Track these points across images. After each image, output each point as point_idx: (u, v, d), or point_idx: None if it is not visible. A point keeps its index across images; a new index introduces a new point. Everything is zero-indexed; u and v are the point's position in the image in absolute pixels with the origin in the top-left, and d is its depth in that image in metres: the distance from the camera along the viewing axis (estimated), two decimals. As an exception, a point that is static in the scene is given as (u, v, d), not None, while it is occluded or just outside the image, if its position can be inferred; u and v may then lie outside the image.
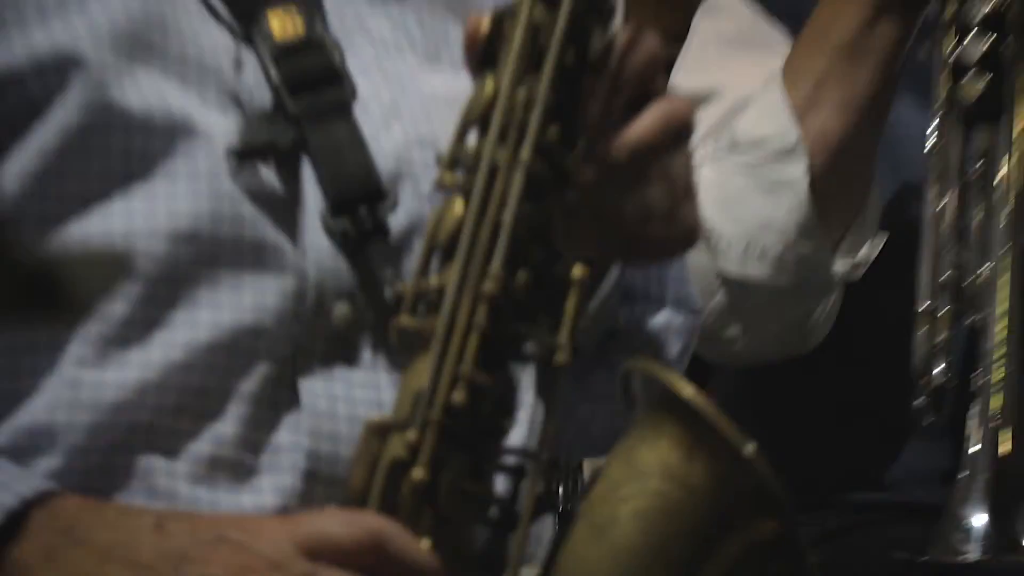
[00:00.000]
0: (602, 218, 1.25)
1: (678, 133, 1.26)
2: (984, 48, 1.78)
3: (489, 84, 1.17)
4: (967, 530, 1.66)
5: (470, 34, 1.20)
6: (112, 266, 1.17)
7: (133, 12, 1.27)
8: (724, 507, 1.13)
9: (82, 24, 1.25)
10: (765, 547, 1.15)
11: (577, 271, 1.15)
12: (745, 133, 1.86)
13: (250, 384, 1.23)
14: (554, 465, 1.25)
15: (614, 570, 1.12)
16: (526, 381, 1.18)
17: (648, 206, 1.26)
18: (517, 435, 1.18)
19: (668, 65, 1.34)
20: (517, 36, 1.16)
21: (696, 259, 1.82)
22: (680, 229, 1.31)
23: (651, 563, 1.11)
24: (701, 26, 2.13)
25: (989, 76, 1.78)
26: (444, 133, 1.19)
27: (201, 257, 1.23)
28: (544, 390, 1.16)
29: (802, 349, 1.89)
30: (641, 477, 1.13)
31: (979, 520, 1.66)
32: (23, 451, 1.19)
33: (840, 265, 1.85)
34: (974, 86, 1.78)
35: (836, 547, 1.84)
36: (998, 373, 1.71)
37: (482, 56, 1.19)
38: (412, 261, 1.21)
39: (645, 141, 1.22)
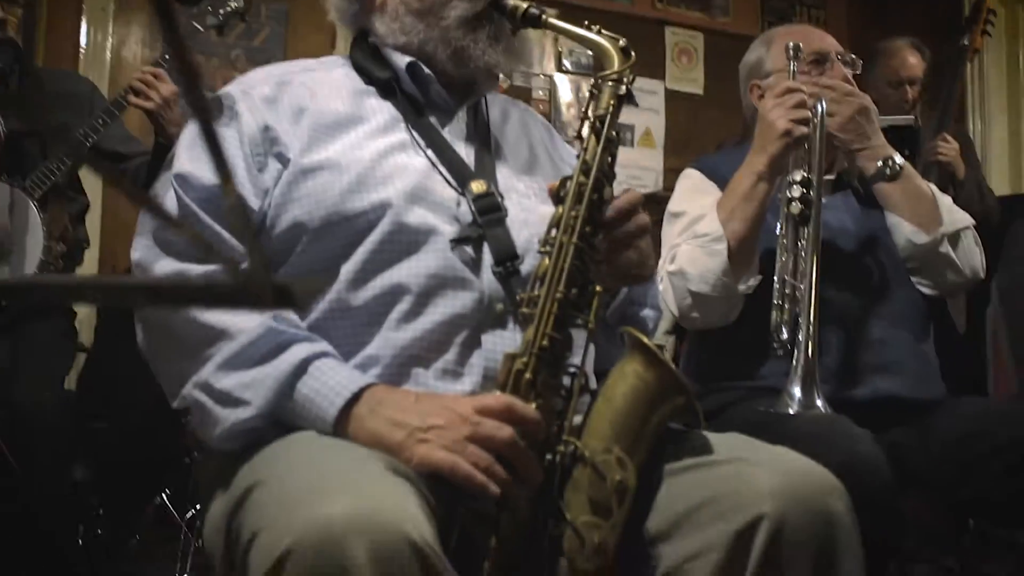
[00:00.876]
0: (610, 265, 1.30)
1: (644, 229, 1.31)
2: (799, 193, 1.84)
3: (560, 209, 1.24)
4: (792, 397, 1.70)
5: (549, 189, 1.27)
6: (398, 290, 1.25)
7: (414, 184, 1.32)
8: (661, 390, 1.19)
9: (393, 189, 1.31)
10: (680, 408, 1.22)
11: (598, 288, 1.23)
12: (700, 230, 1.90)
13: (459, 338, 1.28)
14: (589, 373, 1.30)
15: (614, 417, 1.18)
16: (579, 337, 1.23)
17: (630, 260, 1.32)
18: (575, 359, 1.22)
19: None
20: (571, 189, 1.24)
21: (678, 283, 1.91)
22: (645, 271, 1.38)
23: (630, 414, 1.18)
24: (679, 184, 2.19)
25: (801, 205, 1.83)
26: (543, 230, 1.26)
27: (438, 285, 1.28)
28: (586, 340, 1.23)
29: (727, 322, 1.94)
30: (625, 377, 1.20)
31: (796, 392, 1.70)
32: (364, 367, 1.25)
33: (742, 287, 1.89)
34: (797, 208, 1.84)
35: (732, 409, 1.88)
36: (806, 332, 1.75)
37: (557, 197, 1.25)
38: (528, 285, 1.24)
39: (629, 232, 1.30)
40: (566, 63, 4.89)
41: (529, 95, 4.79)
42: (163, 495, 2.95)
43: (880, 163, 1.96)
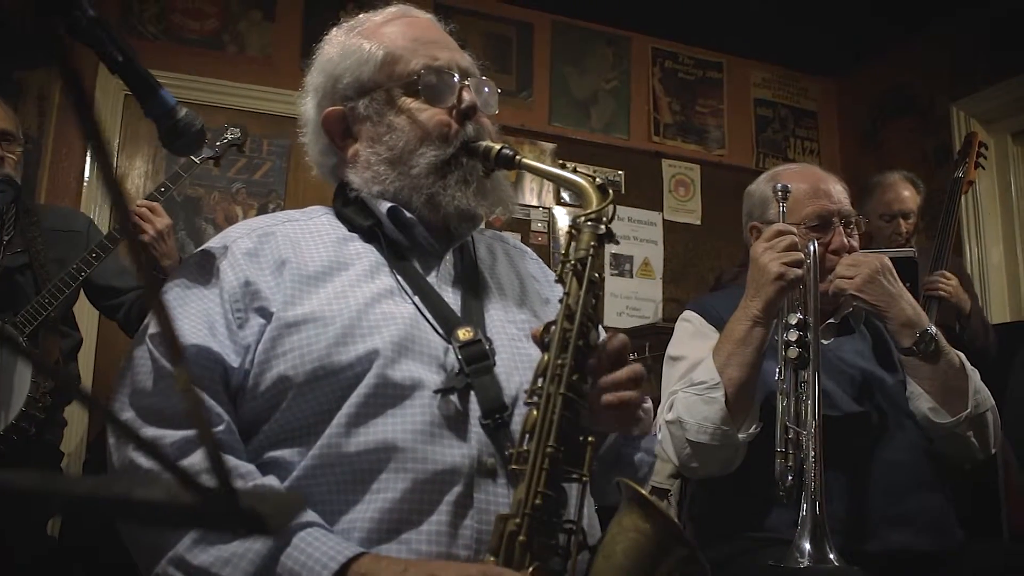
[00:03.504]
0: (601, 415, 1.25)
1: (636, 379, 1.26)
2: (796, 336, 1.83)
3: (545, 357, 1.19)
4: (802, 551, 1.64)
5: (533, 335, 1.23)
6: (384, 446, 1.18)
7: (402, 333, 1.27)
8: (662, 542, 1.13)
9: (380, 339, 1.25)
10: (683, 560, 1.14)
11: (590, 439, 1.17)
12: (697, 378, 1.87)
13: (451, 496, 1.19)
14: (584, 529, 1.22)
15: (619, 568, 1.11)
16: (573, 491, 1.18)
17: (622, 412, 1.26)
18: (570, 514, 1.16)
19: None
20: (556, 336, 1.19)
21: (677, 433, 1.86)
22: (644, 425, 1.34)
23: (632, 571, 1.11)
24: (679, 327, 2.16)
25: (799, 349, 1.82)
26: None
27: (427, 440, 1.21)
28: (579, 494, 1.16)
29: (729, 471, 1.88)
30: (624, 531, 1.14)
31: (806, 546, 1.64)
32: (351, 530, 1.17)
33: (742, 436, 1.84)
34: (795, 352, 1.82)
35: (739, 561, 1.80)
36: (812, 482, 1.70)
37: (541, 343, 1.21)
38: (517, 438, 1.18)
39: (620, 382, 1.24)
40: (564, 195, 4.95)
41: (528, 227, 4.84)
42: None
43: (917, 337, 1.93)
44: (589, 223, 1.29)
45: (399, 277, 1.37)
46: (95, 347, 3.74)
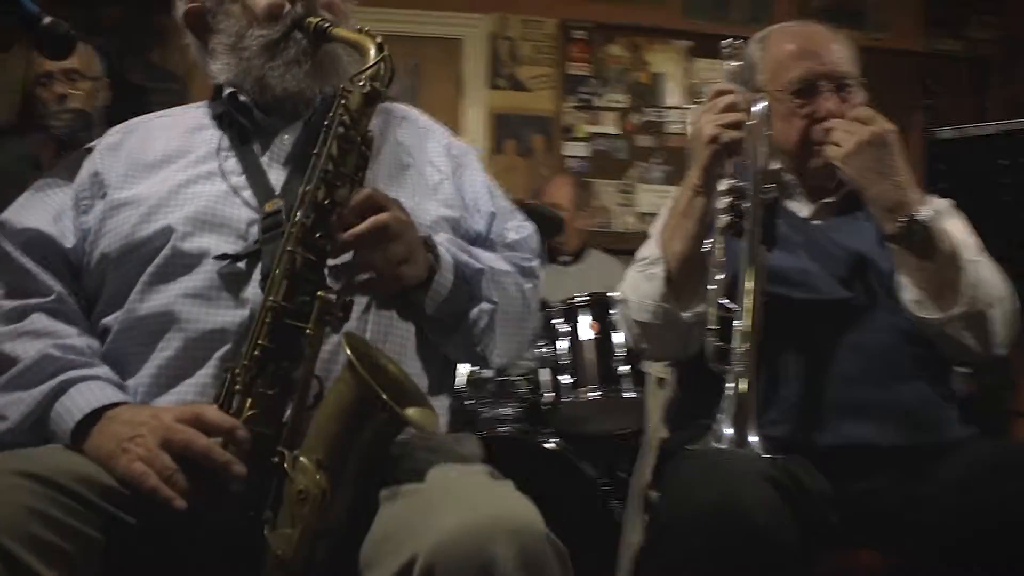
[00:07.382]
0: (356, 267, 1.29)
1: (379, 229, 1.27)
2: (727, 203, 1.69)
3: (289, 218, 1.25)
4: (718, 435, 1.54)
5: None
6: (164, 310, 1.30)
7: (201, 209, 1.36)
8: (360, 401, 1.12)
9: (176, 215, 1.35)
10: (385, 423, 1.14)
11: (319, 295, 1.19)
12: (640, 254, 1.79)
13: (220, 353, 1.28)
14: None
15: (320, 425, 1.14)
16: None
17: (373, 265, 1.29)
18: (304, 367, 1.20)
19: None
20: (300, 196, 1.25)
21: (623, 312, 1.79)
22: (407, 275, 1.33)
23: (332, 422, 1.13)
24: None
25: (731, 216, 1.67)
26: None
27: (201, 303, 1.30)
28: (307, 346, 1.20)
29: (687, 355, 1.78)
30: (336, 384, 1.16)
31: (728, 431, 1.55)
32: (137, 386, 1.29)
33: (687, 315, 1.73)
34: (723, 220, 1.67)
35: (681, 449, 1.69)
36: (740, 370, 1.61)
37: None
38: None
39: (360, 235, 1.26)
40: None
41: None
42: None
43: (900, 224, 1.67)
44: (360, 82, 1.31)
45: (225, 160, 1.45)
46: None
